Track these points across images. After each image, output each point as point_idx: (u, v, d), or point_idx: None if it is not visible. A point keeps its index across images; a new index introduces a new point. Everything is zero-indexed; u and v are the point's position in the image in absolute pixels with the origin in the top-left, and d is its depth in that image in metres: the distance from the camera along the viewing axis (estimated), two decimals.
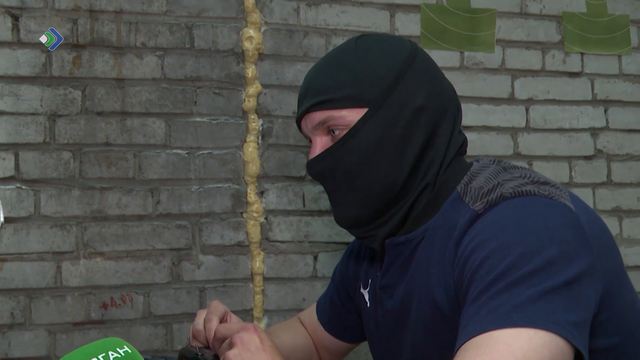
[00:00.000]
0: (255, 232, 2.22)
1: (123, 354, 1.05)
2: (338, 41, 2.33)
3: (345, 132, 1.29)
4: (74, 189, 2.10)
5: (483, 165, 1.29)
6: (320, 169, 1.33)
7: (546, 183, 1.20)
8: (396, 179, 1.28)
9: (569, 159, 2.53)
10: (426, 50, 2.38)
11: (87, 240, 2.11)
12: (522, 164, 2.49)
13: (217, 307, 1.40)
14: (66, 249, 2.09)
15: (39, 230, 2.08)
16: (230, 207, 2.22)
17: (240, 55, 2.25)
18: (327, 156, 1.31)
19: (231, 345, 1.20)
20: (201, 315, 1.40)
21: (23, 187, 2.07)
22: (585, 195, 2.53)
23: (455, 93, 1.38)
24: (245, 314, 2.23)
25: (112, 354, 1.03)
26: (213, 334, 1.33)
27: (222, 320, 1.39)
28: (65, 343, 2.08)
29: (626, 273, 1.28)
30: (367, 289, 1.44)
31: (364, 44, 1.34)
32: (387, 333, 1.38)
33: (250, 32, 2.25)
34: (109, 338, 1.08)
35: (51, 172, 2.09)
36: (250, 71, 2.24)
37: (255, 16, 2.25)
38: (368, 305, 1.44)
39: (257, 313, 2.23)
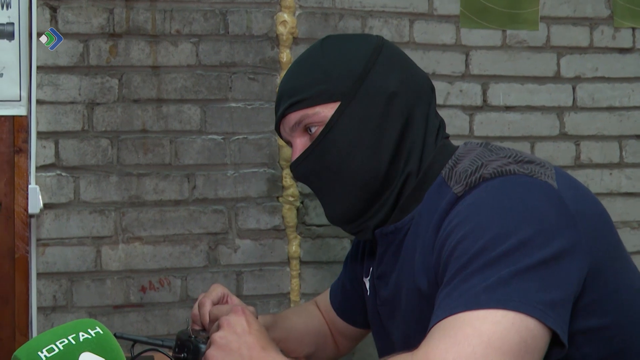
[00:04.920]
0: (291, 216, 2.23)
1: (94, 335, 1.07)
2: (374, 23, 2.31)
3: (321, 128, 1.29)
4: (112, 175, 2.16)
5: (470, 148, 1.27)
6: (304, 170, 1.34)
7: (530, 162, 1.18)
8: (379, 167, 1.27)
9: (619, 138, 2.45)
10: (466, 30, 2.36)
11: (125, 225, 2.16)
12: (569, 144, 2.42)
13: (214, 290, 1.42)
14: (105, 234, 2.15)
15: (78, 215, 2.14)
16: (265, 191, 2.24)
17: (274, 40, 2.25)
18: (307, 155, 1.32)
19: (218, 328, 1.22)
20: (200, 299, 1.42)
21: (63, 174, 2.13)
22: (637, 175, 2.44)
23: (428, 78, 1.37)
24: (283, 298, 2.24)
25: (83, 335, 1.06)
26: (207, 317, 1.35)
27: (220, 302, 1.41)
28: (105, 325, 2.08)
29: (624, 251, 1.24)
30: (368, 278, 1.44)
31: (330, 43, 1.36)
32: (384, 322, 1.38)
33: (285, 16, 2.25)
34: (82, 319, 1.11)
35: (90, 159, 2.14)
36: (285, 55, 2.24)
37: (290, 0, 2.25)
38: (368, 294, 1.44)
39: (294, 297, 2.24)
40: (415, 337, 1.27)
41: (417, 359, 1.01)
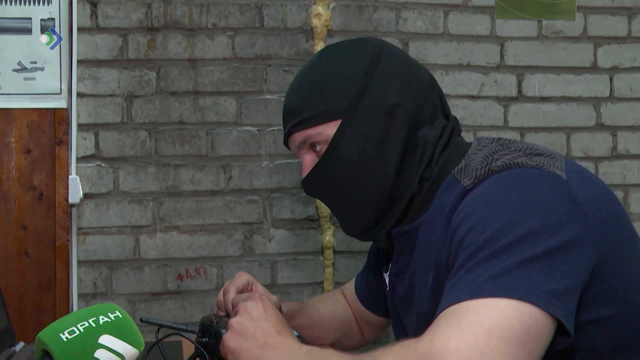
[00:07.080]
0: (325, 207, 2.26)
1: (113, 319, 1.11)
2: (409, 15, 2.32)
3: (326, 146, 1.31)
4: (150, 166, 2.21)
5: (483, 145, 1.28)
6: (313, 187, 1.37)
7: (540, 154, 1.18)
8: (386, 180, 1.30)
9: None
10: (502, 21, 2.36)
11: (163, 214, 2.21)
12: (606, 135, 2.40)
13: (239, 278, 1.46)
14: (144, 223, 2.21)
15: (118, 205, 2.20)
16: (300, 182, 2.26)
17: (309, 33, 2.28)
18: (315, 174, 1.35)
19: (236, 314, 1.26)
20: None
21: (103, 164, 2.19)
22: None
23: (432, 78, 1.36)
24: (317, 287, 2.28)
25: (103, 318, 1.11)
26: (230, 304, 1.39)
27: (245, 290, 1.45)
28: (144, 312, 2.20)
29: (637, 239, 1.23)
30: (387, 273, 1.47)
31: (328, 56, 1.37)
32: (401, 316, 1.41)
33: (319, 9, 2.27)
34: (103, 304, 1.15)
35: (129, 150, 2.20)
36: (319, 48, 2.27)
37: None
38: (387, 289, 1.46)
39: (327, 286, 2.27)
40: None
41: (421, 345, 1.03)
